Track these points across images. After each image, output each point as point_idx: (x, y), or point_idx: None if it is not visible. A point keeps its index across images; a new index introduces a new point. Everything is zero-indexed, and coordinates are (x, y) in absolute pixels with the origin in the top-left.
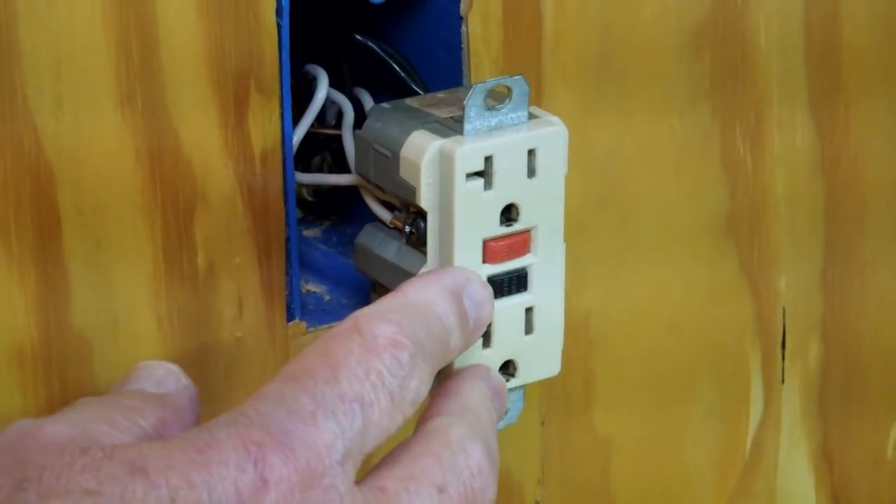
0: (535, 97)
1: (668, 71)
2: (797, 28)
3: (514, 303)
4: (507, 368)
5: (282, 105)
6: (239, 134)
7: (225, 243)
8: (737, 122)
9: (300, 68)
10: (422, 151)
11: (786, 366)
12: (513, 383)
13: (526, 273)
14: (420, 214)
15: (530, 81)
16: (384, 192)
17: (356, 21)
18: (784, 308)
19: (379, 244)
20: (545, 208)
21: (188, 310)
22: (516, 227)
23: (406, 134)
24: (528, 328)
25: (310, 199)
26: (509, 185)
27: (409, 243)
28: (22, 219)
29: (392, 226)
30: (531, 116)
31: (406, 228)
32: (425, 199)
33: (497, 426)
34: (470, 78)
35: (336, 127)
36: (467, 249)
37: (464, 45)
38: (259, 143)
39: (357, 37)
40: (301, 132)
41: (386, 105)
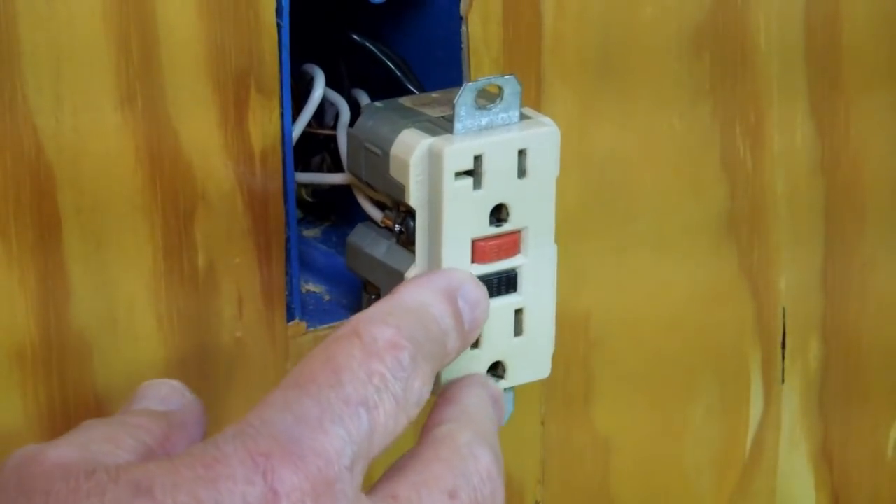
0: (535, 97)
1: (668, 71)
2: (797, 28)
3: (503, 304)
4: (496, 370)
5: (282, 105)
6: (239, 134)
7: (225, 243)
8: (737, 122)
9: (298, 68)
10: (411, 149)
11: (786, 366)
12: (501, 384)
13: (515, 274)
14: (410, 213)
15: (530, 81)
16: (375, 191)
17: (356, 21)
18: (784, 308)
19: (370, 243)
20: (536, 209)
21: (188, 310)
22: (506, 228)
23: (396, 132)
24: (518, 330)
25: (309, 200)
26: (499, 185)
27: (399, 242)
28: (22, 219)
29: (383, 225)
30: (523, 117)
31: (396, 227)
32: (414, 198)
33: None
34: (469, 78)
35: (334, 127)
36: (456, 249)
37: (464, 45)
38: (259, 143)
39: (354, 37)
40: (297, 131)
41: (379, 104)
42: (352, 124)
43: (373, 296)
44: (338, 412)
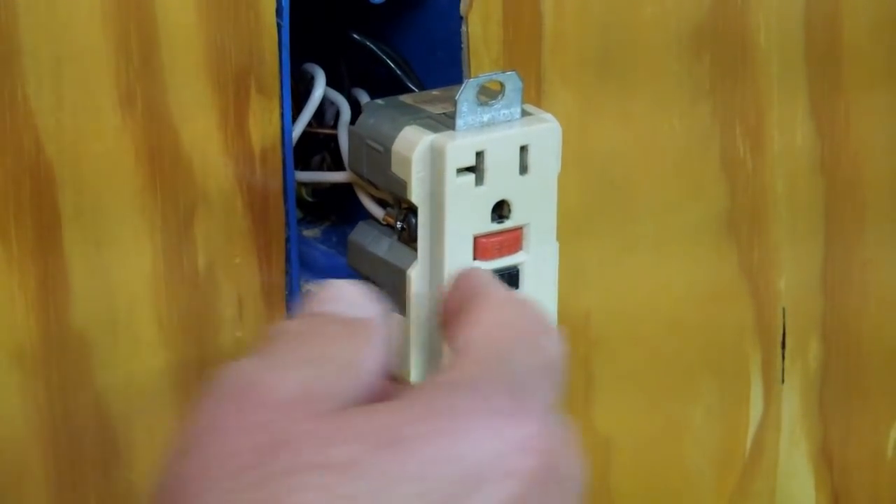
0: (535, 97)
1: (668, 71)
2: (797, 28)
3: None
4: None
5: (282, 105)
6: (239, 134)
7: (225, 243)
8: (737, 122)
9: (298, 68)
10: (413, 146)
11: (786, 366)
12: None
13: (517, 271)
14: (412, 210)
15: (531, 81)
16: (377, 189)
17: (356, 21)
18: (784, 308)
19: (371, 241)
20: (537, 206)
21: (188, 310)
22: (508, 225)
23: (398, 129)
24: None
25: (309, 200)
26: (501, 182)
27: (401, 240)
28: (22, 219)
29: (384, 222)
30: (525, 113)
31: (398, 225)
32: (416, 194)
33: None
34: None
35: (334, 127)
36: (458, 246)
37: (464, 45)
38: (259, 143)
39: (355, 36)
40: (298, 130)
41: (380, 101)
42: (352, 124)
43: None
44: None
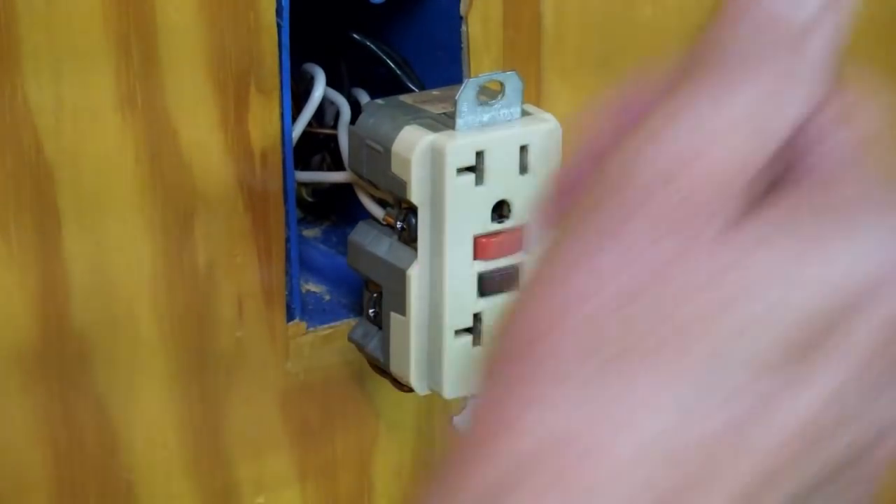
0: (535, 97)
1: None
2: None
3: (506, 301)
4: None
5: (282, 105)
6: (239, 134)
7: (225, 243)
8: None
9: (298, 68)
10: (413, 146)
11: None
12: None
13: (518, 271)
14: (412, 210)
15: (530, 81)
16: (377, 189)
17: (356, 21)
18: None
19: (371, 241)
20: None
21: (188, 310)
22: (508, 224)
23: (398, 129)
24: None
25: (309, 200)
26: (501, 182)
27: (401, 240)
28: (22, 219)
29: (385, 222)
30: (525, 113)
31: (398, 225)
32: (416, 194)
33: None
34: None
35: (334, 127)
36: (458, 245)
37: (464, 45)
38: (259, 143)
39: (355, 36)
40: (298, 130)
41: (380, 101)
42: (353, 124)
43: (374, 294)
44: None
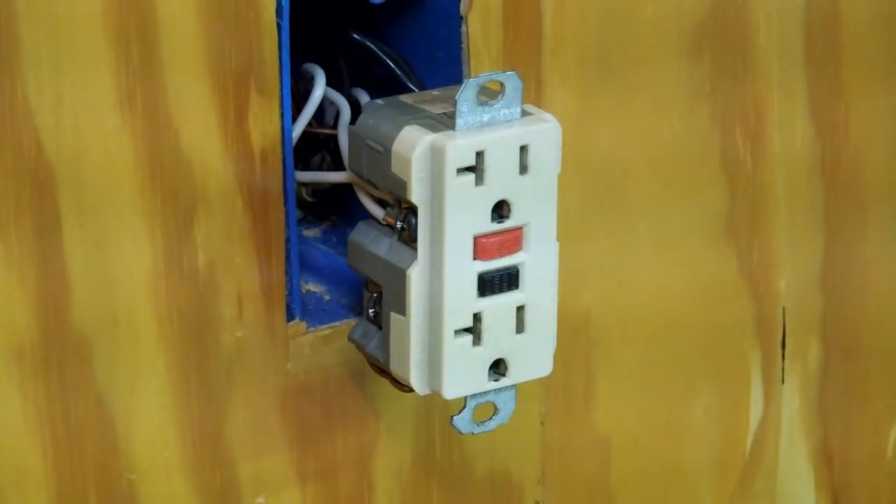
0: (535, 97)
1: (668, 71)
2: (797, 28)
3: (506, 301)
4: (498, 367)
5: (282, 105)
6: (239, 134)
7: (225, 243)
8: (737, 123)
9: (298, 68)
10: (413, 146)
11: (786, 366)
12: (503, 383)
13: (517, 271)
14: (412, 210)
15: (530, 82)
16: (377, 189)
17: (355, 21)
18: (784, 308)
19: (371, 241)
20: (537, 206)
21: (188, 310)
22: (508, 224)
23: (398, 129)
24: (520, 327)
25: (309, 200)
26: (501, 182)
27: (401, 240)
28: (22, 219)
29: (385, 223)
30: (525, 113)
31: (398, 225)
32: (416, 194)
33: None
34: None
35: (334, 127)
36: (458, 245)
37: (464, 45)
38: (259, 143)
39: (355, 36)
40: (298, 130)
41: (380, 101)
42: (353, 124)
43: (374, 294)
44: None
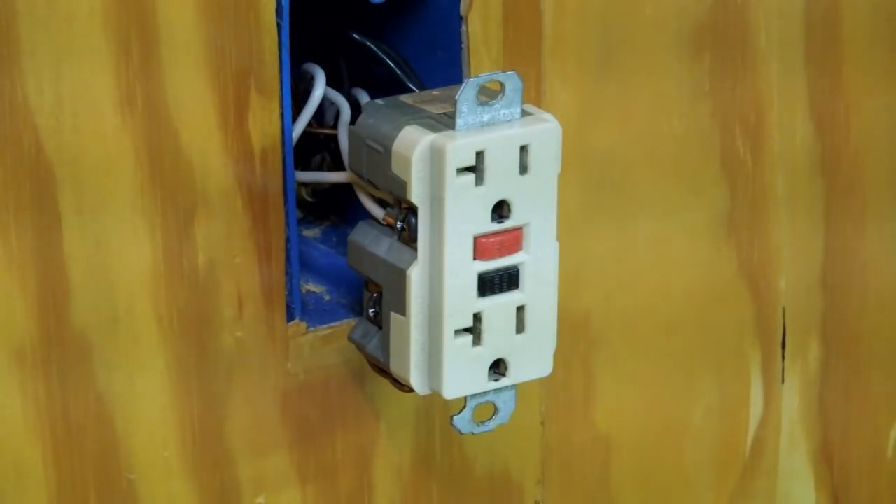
0: (535, 97)
1: (668, 71)
2: (797, 28)
3: (506, 301)
4: (498, 367)
5: (282, 105)
6: (239, 134)
7: (225, 243)
8: (737, 122)
9: (298, 68)
10: (413, 146)
11: (786, 366)
12: (504, 382)
13: (517, 271)
14: (412, 210)
15: (530, 81)
16: (377, 189)
17: (356, 21)
18: (784, 308)
19: (371, 241)
20: (537, 206)
21: (188, 310)
22: (508, 224)
23: (398, 129)
24: (520, 327)
25: (309, 200)
26: (501, 182)
27: (401, 240)
28: (22, 219)
29: (385, 223)
30: (525, 113)
31: (398, 225)
32: (416, 194)
33: (488, 428)
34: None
35: (334, 127)
36: (458, 245)
37: (464, 45)
38: (259, 143)
39: (355, 36)
40: (298, 130)
41: (380, 101)
42: (353, 124)
43: (374, 294)
44: None
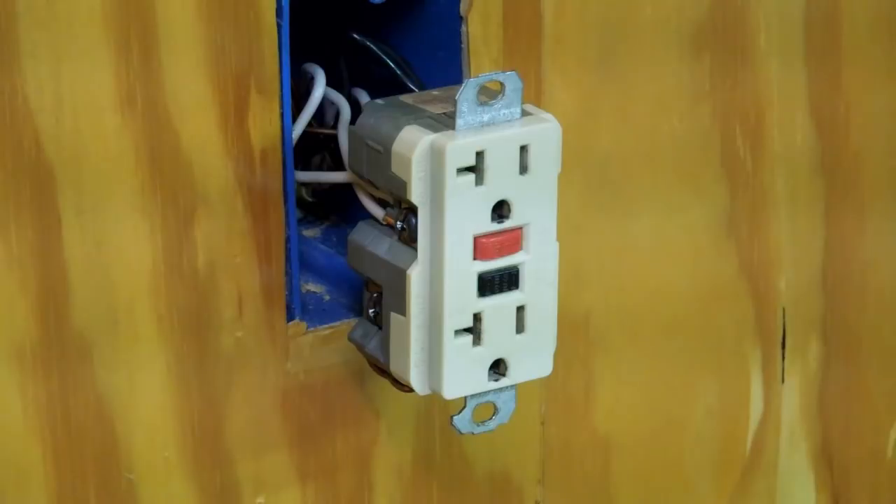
0: (535, 97)
1: (668, 70)
2: (797, 28)
3: (506, 301)
4: (498, 367)
5: (282, 105)
6: (239, 134)
7: (225, 243)
8: (737, 122)
9: (298, 68)
10: (413, 146)
11: (786, 365)
12: (504, 382)
13: (517, 271)
14: (412, 211)
15: (530, 81)
16: (377, 189)
17: (356, 21)
18: (784, 308)
19: (371, 241)
20: (537, 206)
21: (188, 310)
22: (508, 224)
23: (398, 129)
24: (520, 327)
25: (309, 199)
26: (501, 182)
27: (401, 240)
28: (22, 219)
29: (385, 223)
30: (525, 113)
31: (398, 225)
32: (416, 194)
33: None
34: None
35: (334, 127)
36: (458, 245)
37: (464, 45)
38: (259, 143)
39: (355, 36)
40: (298, 130)
41: (380, 101)
42: (353, 124)
43: (374, 294)
44: None
